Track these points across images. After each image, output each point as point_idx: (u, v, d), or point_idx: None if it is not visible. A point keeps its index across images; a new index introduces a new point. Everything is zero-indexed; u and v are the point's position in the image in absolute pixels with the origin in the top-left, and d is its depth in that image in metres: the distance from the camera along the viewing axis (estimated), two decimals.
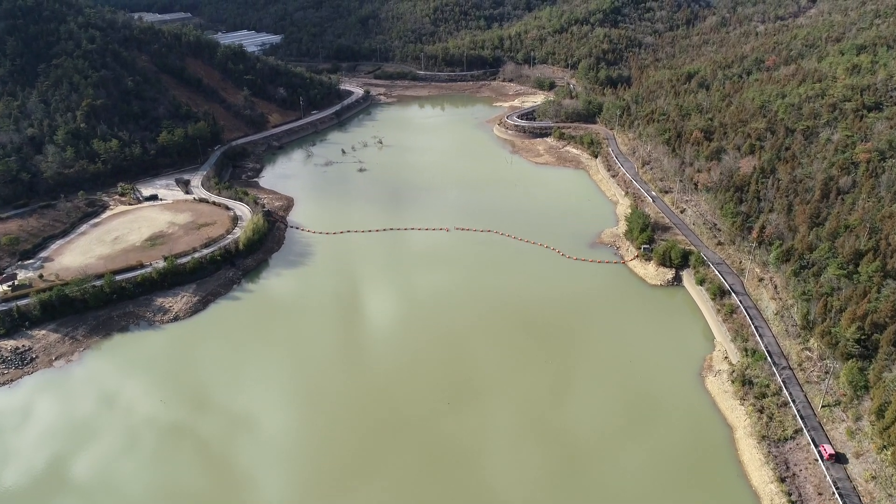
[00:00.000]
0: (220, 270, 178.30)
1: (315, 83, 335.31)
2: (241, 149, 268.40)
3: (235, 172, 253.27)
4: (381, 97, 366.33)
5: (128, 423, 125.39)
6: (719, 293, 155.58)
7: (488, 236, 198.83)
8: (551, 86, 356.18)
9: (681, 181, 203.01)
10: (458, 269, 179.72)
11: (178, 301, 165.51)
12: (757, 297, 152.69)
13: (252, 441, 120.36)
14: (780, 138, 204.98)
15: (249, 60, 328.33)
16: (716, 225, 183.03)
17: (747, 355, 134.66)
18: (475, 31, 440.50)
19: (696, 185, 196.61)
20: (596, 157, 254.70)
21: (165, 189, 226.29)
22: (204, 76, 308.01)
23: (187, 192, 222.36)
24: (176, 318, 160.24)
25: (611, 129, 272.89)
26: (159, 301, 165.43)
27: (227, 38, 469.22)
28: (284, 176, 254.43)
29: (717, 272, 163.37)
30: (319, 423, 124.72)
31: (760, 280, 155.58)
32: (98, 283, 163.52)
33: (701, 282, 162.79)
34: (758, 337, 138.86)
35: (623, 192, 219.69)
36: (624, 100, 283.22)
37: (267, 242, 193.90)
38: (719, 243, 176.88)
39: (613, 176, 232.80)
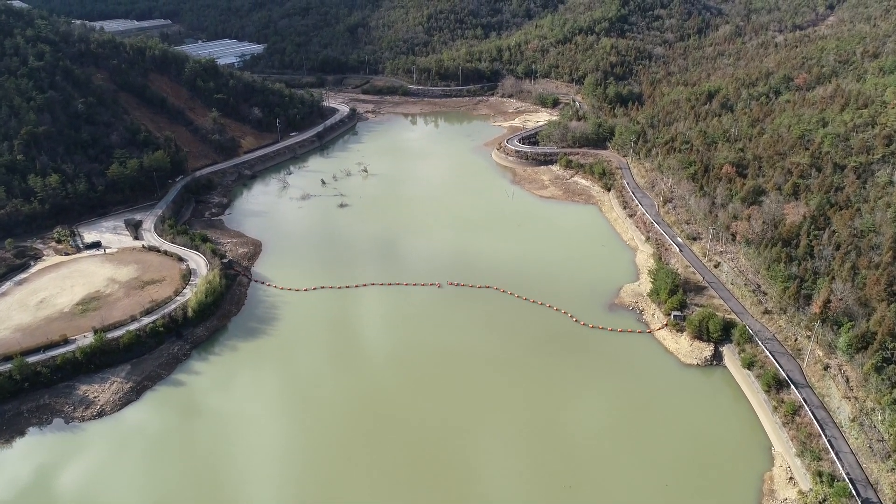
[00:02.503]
0: (162, 345, 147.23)
1: (295, 101, 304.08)
2: (207, 180, 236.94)
3: (198, 209, 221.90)
4: (369, 115, 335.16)
5: None
6: (775, 384, 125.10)
7: (487, 294, 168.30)
8: (555, 103, 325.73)
9: (714, 228, 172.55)
10: (450, 339, 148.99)
11: (105, 389, 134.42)
12: (823, 392, 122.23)
13: None
14: (828, 176, 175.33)
15: (222, 77, 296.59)
16: (760, 287, 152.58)
17: (822, 482, 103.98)
18: (472, 41, 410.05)
19: (733, 235, 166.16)
20: (609, 190, 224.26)
21: (112, 233, 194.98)
22: (170, 94, 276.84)
23: (137, 237, 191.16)
24: (101, 414, 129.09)
25: (624, 157, 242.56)
26: (83, 389, 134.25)
27: (206, 48, 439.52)
28: (254, 213, 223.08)
29: (768, 353, 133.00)
30: None
31: (826, 368, 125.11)
32: (6, 366, 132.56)
33: (749, 364, 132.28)
34: (833, 454, 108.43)
35: (643, 237, 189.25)
36: (638, 122, 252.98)
37: (224, 304, 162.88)
38: (766, 312, 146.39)
39: (631, 215, 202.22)
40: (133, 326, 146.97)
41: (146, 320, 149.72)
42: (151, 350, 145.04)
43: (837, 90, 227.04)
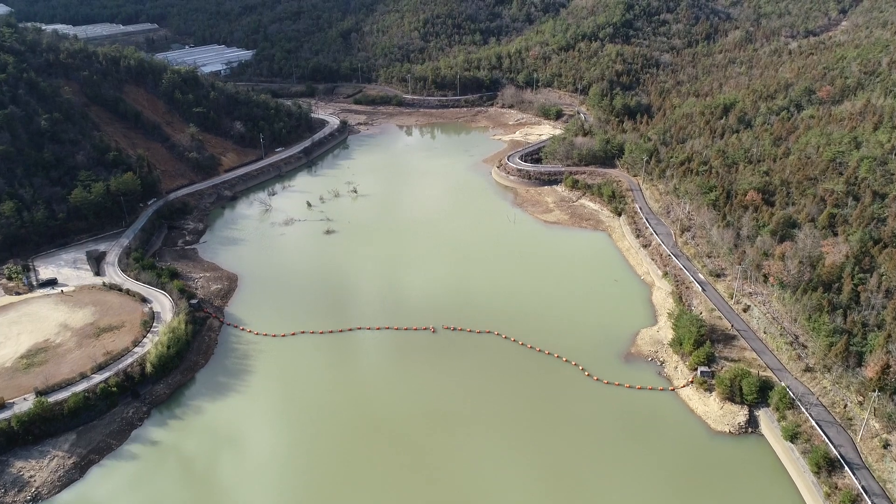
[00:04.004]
0: (115, 407, 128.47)
1: (281, 113, 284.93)
2: (182, 203, 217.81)
3: (170, 236, 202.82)
4: (361, 127, 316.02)
5: None
6: (826, 464, 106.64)
7: (486, 340, 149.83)
8: (558, 114, 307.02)
9: (741, 266, 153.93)
10: (445, 400, 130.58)
11: (44, 466, 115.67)
12: (884, 477, 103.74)
13: None
14: (868, 206, 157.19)
15: (202, 88, 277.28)
16: (798, 338, 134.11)
17: None
18: (470, 48, 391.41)
19: (765, 276, 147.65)
20: (619, 215, 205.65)
21: (72, 267, 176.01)
22: (145, 108, 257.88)
23: (98, 273, 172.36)
24: (36, 498, 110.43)
25: (635, 177, 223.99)
26: (17, 467, 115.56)
27: (192, 54, 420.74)
28: (231, 240, 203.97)
29: (814, 423, 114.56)
30: None
31: (885, 447, 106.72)
32: None
33: (792, 437, 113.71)
34: None
35: (660, 272, 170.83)
36: (649, 139, 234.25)
37: (189, 355, 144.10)
38: (808, 369, 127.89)
39: (645, 245, 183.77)
40: (82, 386, 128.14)
41: (97, 378, 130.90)
42: (102, 414, 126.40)
43: (868, 106, 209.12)
